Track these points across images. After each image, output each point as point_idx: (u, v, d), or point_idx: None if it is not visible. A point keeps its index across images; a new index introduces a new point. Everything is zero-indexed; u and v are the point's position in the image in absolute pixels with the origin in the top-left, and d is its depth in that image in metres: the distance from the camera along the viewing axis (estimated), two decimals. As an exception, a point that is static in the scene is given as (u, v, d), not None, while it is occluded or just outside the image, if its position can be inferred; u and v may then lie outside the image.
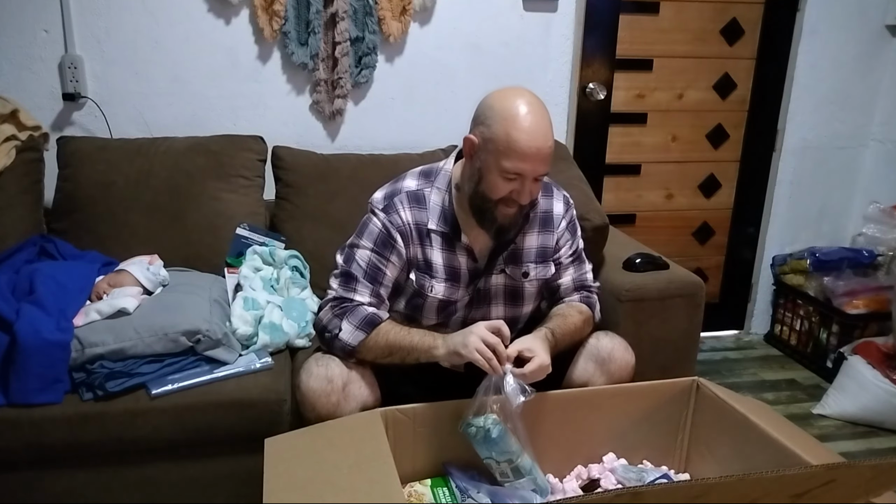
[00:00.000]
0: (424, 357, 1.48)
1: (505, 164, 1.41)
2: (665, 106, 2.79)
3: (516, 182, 1.43)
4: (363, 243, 1.54)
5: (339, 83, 2.34)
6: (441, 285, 1.56)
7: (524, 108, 1.41)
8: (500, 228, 1.52)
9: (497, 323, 1.45)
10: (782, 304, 3.00)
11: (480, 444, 1.41)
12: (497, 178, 1.44)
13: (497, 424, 1.38)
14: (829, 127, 2.91)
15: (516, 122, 1.40)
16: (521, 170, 1.41)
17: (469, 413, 1.40)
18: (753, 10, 2.75)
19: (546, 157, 1.43)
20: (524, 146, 1.39)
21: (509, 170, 1.41)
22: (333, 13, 2.26)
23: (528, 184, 1.44)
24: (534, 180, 1.45)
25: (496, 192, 1.45)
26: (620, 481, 1.53)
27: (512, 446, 1.40)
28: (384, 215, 1.53)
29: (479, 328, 1.43)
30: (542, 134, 1.41)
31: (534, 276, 1.61)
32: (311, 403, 1.46)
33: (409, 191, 1.56)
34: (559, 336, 1.52)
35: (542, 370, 1.42)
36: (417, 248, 1.55)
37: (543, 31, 2.52)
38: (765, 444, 1.38)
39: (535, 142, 1.40)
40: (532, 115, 1.41)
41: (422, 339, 1.49)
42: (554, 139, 1.45)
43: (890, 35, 2.85)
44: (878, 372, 2.40)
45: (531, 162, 1.41)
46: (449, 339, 1.46)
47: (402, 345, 1.49)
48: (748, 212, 3.00)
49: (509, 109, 1.41)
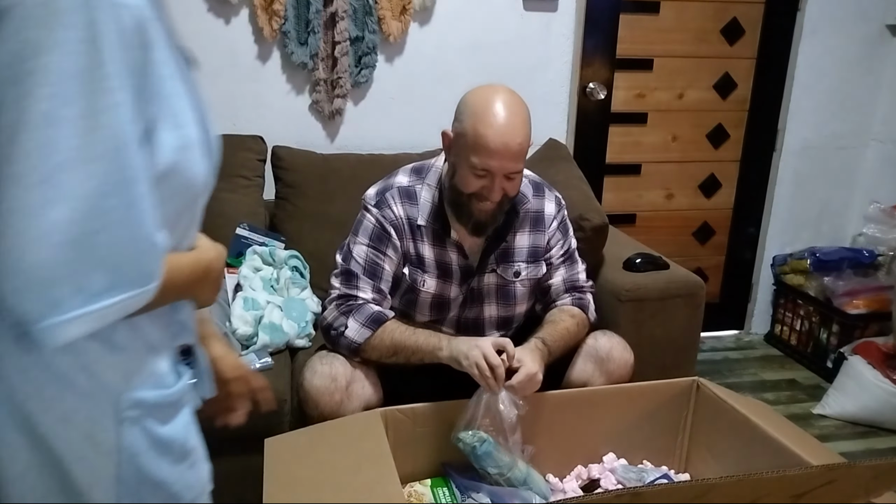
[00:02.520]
0: (428, 358, 1.49)
1: (473, 159, 1.42)
2: (665, 106, 2.78)
3: (486, 179, 1.43)
4: (359, 240, 1.55)
5: (339, 83, 2.33)
6: (432, 280, 1.56)
7: (495, 104, 1.41)
8: (477, 223, 1.52)
9: (504, 341, 1.45)
10: (782, 304, 3.00)
11: (470, 457, 1.42)
12: (468, 174, 1.44)
13: (484, 441, 1.39)
14: (829, 127, 2.91)
15: (485, 117, 1.40)
16: (489, 166, 1.41)
17: (460, 426, 1.41)
18: (754, 10, 2.74)
19: (515, 154, 1.42)
20: (490, 142, 1.39)
21: (477, 165, 1.42)
22: (333, 13, 2.26)
23: (497, 181, 1.44)
24: (506, 178, 1.44)
25: (467, 187, 1.46)
26: (620, 481, 1.53)
27: (501, 460, 1.40)
28: (377, 211, 1.54)
29: (485, 344, 1.42)
30: (511, 130, 1.40)
31: (525, 275, 1.61)
32: (315, 401, 1.46)
33: (401, 186, 1.57)
34: (551, 343, 1.51)
35: (530, 381, 1.41)
36: (410, 242, 1.56)
37: (543, 30, 2.52)
38: (765, 445, 1.38)
39: (501, 138, 1.39)
40: (502, 111, 1.40)
41: (427, 340, 1.49)
42: (527, 138, 1.44)
43: (890, 35, 2.85)
44: (879, 372, 2.40)
45: (498, 158, 1.41)
46: (454, 345, 1.46)
47: (408, 344, 1.49)
48: (748, 212, 3.00)
49: (480, 105, 1.42)
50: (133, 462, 0.75)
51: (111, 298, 0.65)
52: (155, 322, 0.77)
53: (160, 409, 0.77)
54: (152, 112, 0.68)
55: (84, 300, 0.63)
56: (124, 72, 0.64)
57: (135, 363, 0.75)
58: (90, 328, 0.66)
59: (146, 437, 0.75)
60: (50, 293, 0.62)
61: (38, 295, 0.62)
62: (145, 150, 0.67)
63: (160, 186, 0.70)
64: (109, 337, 0.72)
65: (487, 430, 1.40)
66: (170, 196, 0.72)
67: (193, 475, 0.83)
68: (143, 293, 0.67)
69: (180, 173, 0.73)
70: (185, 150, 0.73)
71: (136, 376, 0.74)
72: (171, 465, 0.78)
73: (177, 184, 0.73)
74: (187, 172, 0.74)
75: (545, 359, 1.48)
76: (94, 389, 0.72)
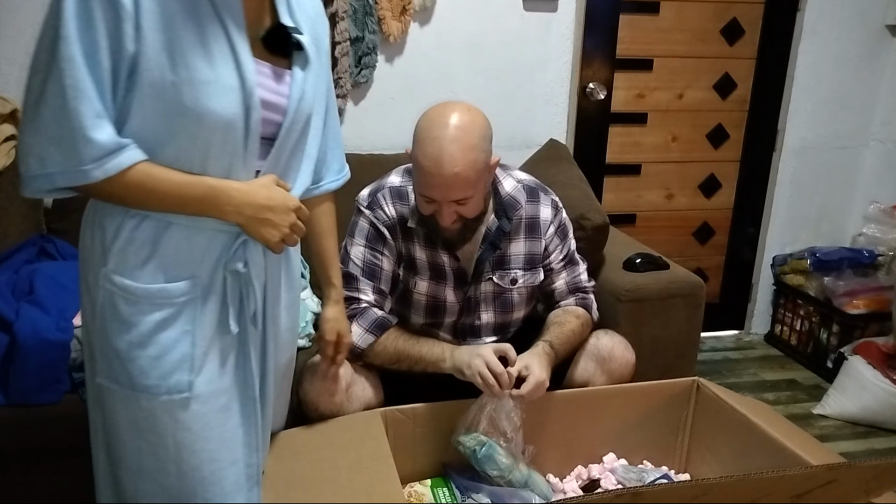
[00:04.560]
0: (432, 368, 1.49)
1: (417, 186, 1.43)
2: (665, 106, 2.78)
3: (435, 204, 1.43)
4: (356, 241, 1.55)
5: (339, 83, 2.33)
6: (424, 282, 1.56)
7: (434, 130, 1.36)
8: (446, 240, 1.52)
9: (504, 347, 1.45)
10: (782, 305, 3.00)
11: (471, 460, 1.42)
12: (419, 198, 1.46)
13: (484, 445, 1.39)
14: (829, 127, 2.91)
15: (423, 146, 1.37)
16: (430, 194, 1.41)
17: (460, 429, 1.41)
18: (753, 10, 2.75)
19: (454, 184, 1.37)
20: (426, 173, 1.37)
21: (423, 193, 1.42)
22: (333, 13, 2.26)
23: (445, 207, 1.41)
24: (457, 203, 1.41)
25: (422, 209, 1.47)
26: (621, 481, 1.53)
27: (502, 463, 1.40)
28: (369, 212, 1.55)
29: (486, 352, 1.42)
30: (447, 161, 1.34)
31: (522, 283, 1.61)
32: (314, 403, 1.46)
33: (392, 186, 1.57)
34: (558, 346, 1.51)
35: (539, 388, 1.42)
36: (403, 243, 1.56)
37: (543, 31, 2.52)
38: (765, 445, 1.38)
39: (437, 168, 1.35)
40: (441, 139, 1.35)
41: (430, 351, 1.49)
42: (469, 165, 1.36)
43: (890, 35, 2.85)
44: (879, 372, 2.40)
45: (437, 189, 1.38)
46: (456, 356, 1.46)
47: (411, 354, 1.49)
48: (748, 212, 3.00)
49: (422, 131, 1.39)
50: (102, 322, 1.05)
51: (55, 168, 0.95)
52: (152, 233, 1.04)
53: (127, 293, 1.03)
54: (134, 49, 0.94)
55: (40, 166, 0.95)
56: (81, 25, 0.92)
57: (122, 255, 1.03)
58: (50, 185, 0.96)
59: (111, 309, 1.04)
60: (24, 160, 0.97)
61: (21, 161, 0.98)
62: (107, 70, 0.94)
63: (153, 103, 0.97)
64: (118, 230, 1.03)
65: (488, 433, 1.40)
66: (166, 114, 0.97)
67: (155, 369, 1.04)
68: (80, 172, 0.95)
69: (182, 101, 0.97)
70: (187, 83, 0.96)
71: (119, 264, 1.03)
72: (128, 344, 1.04)
73: (179, 107, 0.97)
74: (192, 102, 0.97)
75: (552, 363, 1.48)
76: (95, 261, 1.06)
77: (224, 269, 1.07)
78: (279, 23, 1.10)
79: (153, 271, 1.04)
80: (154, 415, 1.05)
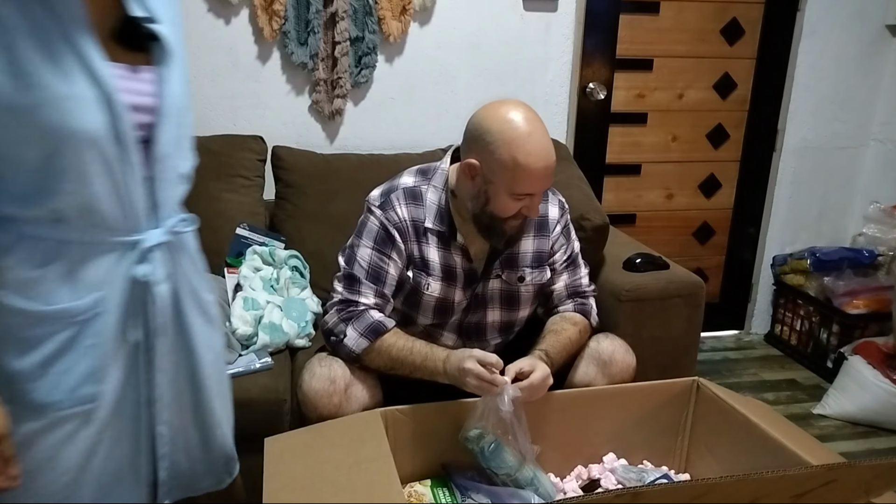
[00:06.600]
0: (429, 379, 1.48)
1: (515, 187, 1.42)
2: (665, 106, 2.78)
3: (526, 199, 1.44)
4: (363, 242, 1.53)
5: (339, 83, 2.33)
6: (437, 284, 1.56)
7: (525, 127, 1.40)
8: (510, 240, 1.54)
9: (490, 357, 1.42)
10: (782, 304, 3.00)
11: (478, 457, 1.42)
12: (507, 200, 1.44)
13: (491, 442, 1.39)
14: (829, 127, 2.91)
15: (522, 145, 1.39)
16: (534, 189, 1.43)
17: (468, 426, 1.41)
18: (753, 10, 2.75)
19: (553, 170, 1.44)
20: (535, 170, 1.40)
21: (520, 192, 1.42)
22: (333, 13, 2.26)
23: (536, 199, 1.46)
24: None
25: (507, 212, 1.46)
26: (621, 481, 1.53)
27: (509, 461, 1.40)
28: (381, 212, 1.53)
29: (475, 352, 1.41)
30: (548, 151, 1.41)
31: (530, 280, 1.61)
32: (313, 404, 1.46)
33: (406, 187, 1.56)
34: (554, 356, 1.51)
35: (544, 382, 1.42)
36: (414, 244, 1.55)
37: (543, 30, 2.52)
38: (765, 445, 1.38)
39: (542, 161, 1.40)
40: (535, 133, 1.40)
41: (423, 364, 1.47)
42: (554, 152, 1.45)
43: (890, 35, 2.85)
44: (879, 372, 2.40)
45: (540, 181, 1.43)
46: (448, 366, 1.44)
47: (406, 363, 1.49)
48: (748, 212, 3.00)
49: (511, 132, 1.39)
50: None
51: None
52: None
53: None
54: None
55: None
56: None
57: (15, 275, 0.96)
58: None
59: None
60: None
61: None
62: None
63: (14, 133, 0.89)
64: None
65: (495, 431, 1.39)
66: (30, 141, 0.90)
67: (44, 380, 0.97)
68: None
69: (44, 123, 0.89)
70: (46, 103, 0.88)
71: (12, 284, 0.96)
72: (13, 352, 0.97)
73: (41, 131, 0.89)
74: (57, 122, 0.89)
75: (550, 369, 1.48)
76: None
77: (124, 278, 1.01)
78: (127, 16, 0.99)
79: (50, 291, 0.96)
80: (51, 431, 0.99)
